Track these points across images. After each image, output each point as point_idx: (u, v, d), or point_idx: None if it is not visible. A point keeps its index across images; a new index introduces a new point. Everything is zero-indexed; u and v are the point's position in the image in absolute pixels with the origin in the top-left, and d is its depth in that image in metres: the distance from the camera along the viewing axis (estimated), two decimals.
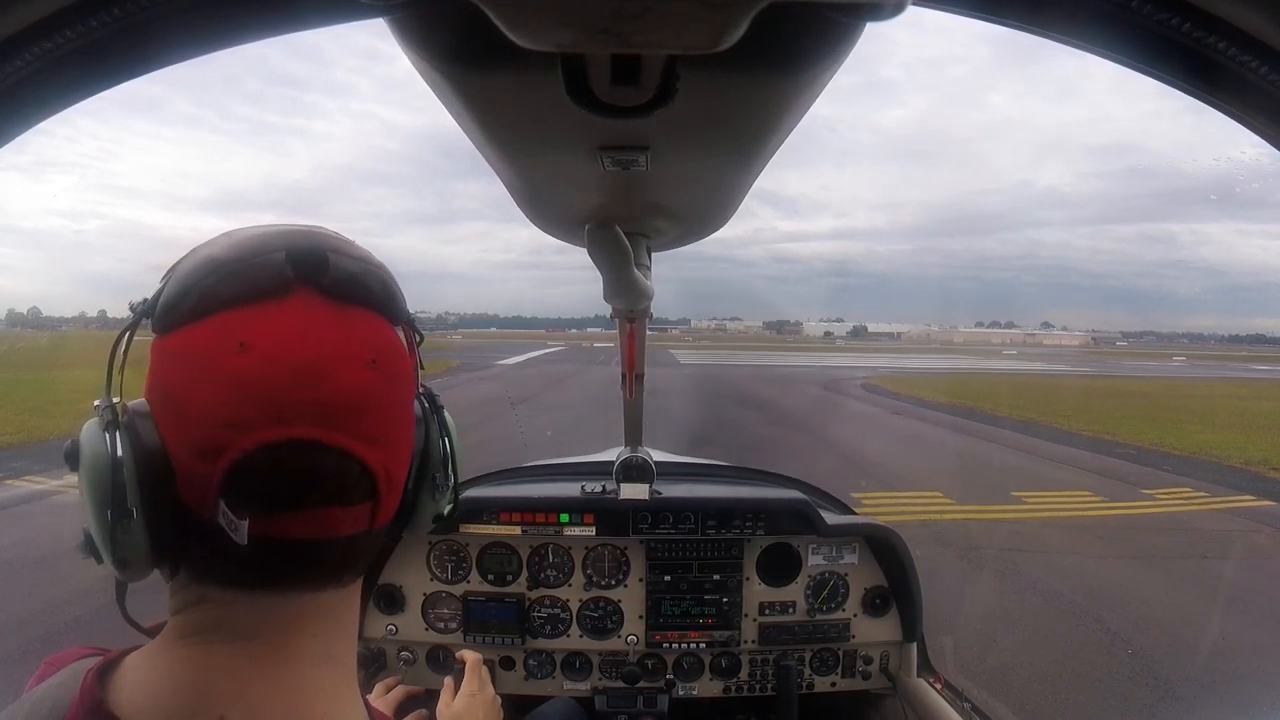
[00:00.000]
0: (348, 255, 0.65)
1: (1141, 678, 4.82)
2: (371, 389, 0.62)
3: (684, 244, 1.26)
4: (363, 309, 0.64)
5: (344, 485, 0.61)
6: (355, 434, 0.61)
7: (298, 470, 0.59)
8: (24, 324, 59.86)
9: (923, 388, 29.19)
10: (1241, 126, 0.62)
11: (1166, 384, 37.72)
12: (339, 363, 0.60)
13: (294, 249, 0.61)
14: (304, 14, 0.60)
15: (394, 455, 0.66)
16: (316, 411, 0.59)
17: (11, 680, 0.73)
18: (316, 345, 0.60)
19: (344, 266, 0.63)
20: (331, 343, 0.61)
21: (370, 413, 0.62)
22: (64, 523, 7.20)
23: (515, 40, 0.44)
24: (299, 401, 0.58)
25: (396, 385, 0.66)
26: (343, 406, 0.60)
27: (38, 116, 0.64)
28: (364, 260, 0.66)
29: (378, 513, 0.65)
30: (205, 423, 0.58)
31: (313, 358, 0.59)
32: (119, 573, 0.63)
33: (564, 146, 0.71)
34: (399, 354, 0.67)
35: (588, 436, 8.83)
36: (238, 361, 0.57)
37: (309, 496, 0.60)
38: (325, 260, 0.62)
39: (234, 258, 0.61)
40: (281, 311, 0.60)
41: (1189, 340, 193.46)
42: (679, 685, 2.21)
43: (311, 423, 0.59)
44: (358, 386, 0.61)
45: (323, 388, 0.59)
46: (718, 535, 2.18)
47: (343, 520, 0.62)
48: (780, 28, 0.50)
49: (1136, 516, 9.20)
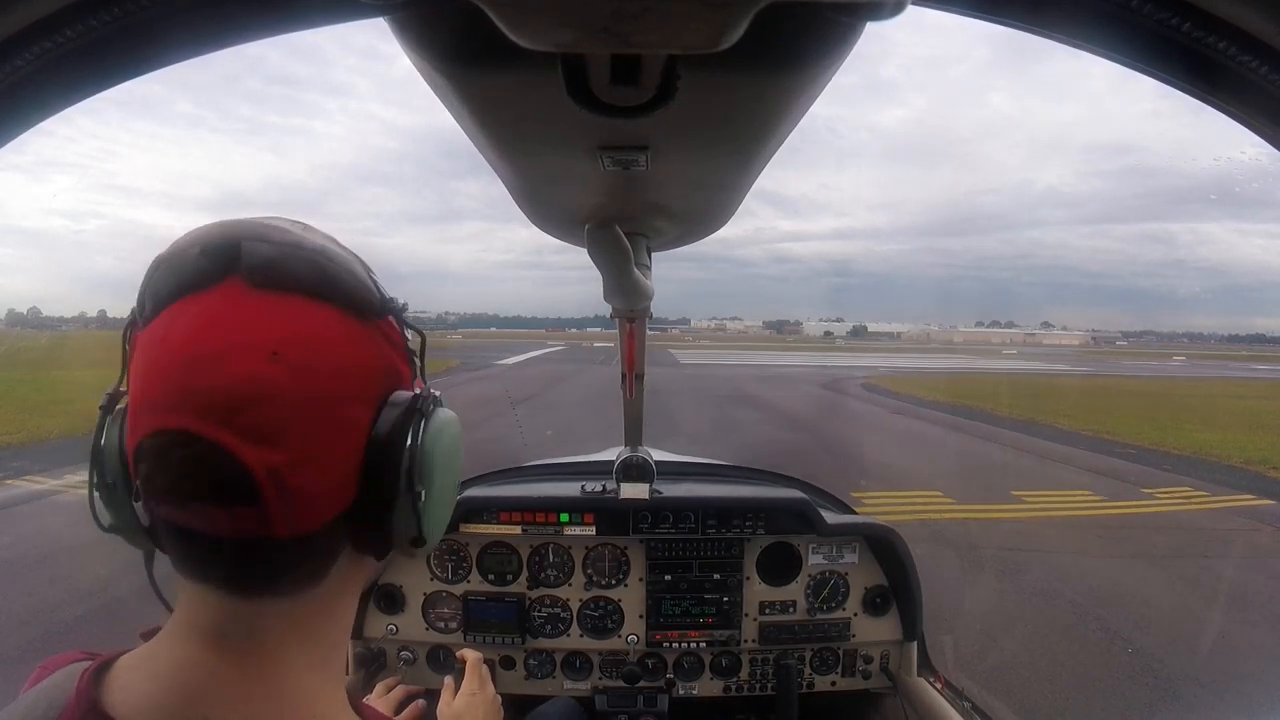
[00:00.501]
0: (267, 241, 0.61)
1: (1142, 677, 4.82)
2: (266, 382, 0.58)
3: (684, 244, 1.26)
4: (288, 296, 0.60)
5: (217, 482, 0.57)
6: (237, 430, 0.57)
7: (176, 461, 0.58)
8: (24, 324, 59.86)
9: (922, 387, 29.18)
10: (1242, 126, 0.62)
11: (1166, 383, 37.71)
12: (233, 352, 0.57)
13: (209, 241, 0.61)
14: (304, 14, 0.60)
15: (295, 459, 0.59)
16: (198, 402, 0.57)
17: (11, 681, 0.73)
18: (215, 335, 0.58)
19: (259, 253, 0.60)
20: (231, 331, 0.58)
21: (259, 408, 0.57)
22: (64, 522, 7.20)
23: (515, 40, 0.44)
24: (185, 390, 0.57)
25: (309, 380, 0.59)
26: (227, 399, 0.57)
27: (38, 116, 0.64)
28: (287, 245, 0.62)
29: (272, 518, 0.59)
30: (131, 410, 0.61)
31: (209, 347, 0.58)
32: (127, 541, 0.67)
33: (564, 146, 0.71)
34: (327, 346, 0.61)
35: (588, 436, 8.84)
36: (156, 352, 0.59)
37: (181, 488, 0.58)
38: (238, 248, 0.60)
39: (169, 254, 0.62)
40: (199, 302, 0.59)
41: (1189, 340, 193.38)
42: (679, 685, 2.22)
43: (191, 413, 0.57)
44: (249, 379, 0.57)
45: (208, 378, 0.57)
46: (718, 535, 2.18)
47: (223, 520, 0.59)
48: (780, 28, 0.50)
49: (1136, 515, 9.20)
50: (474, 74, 0.56)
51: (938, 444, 15.16)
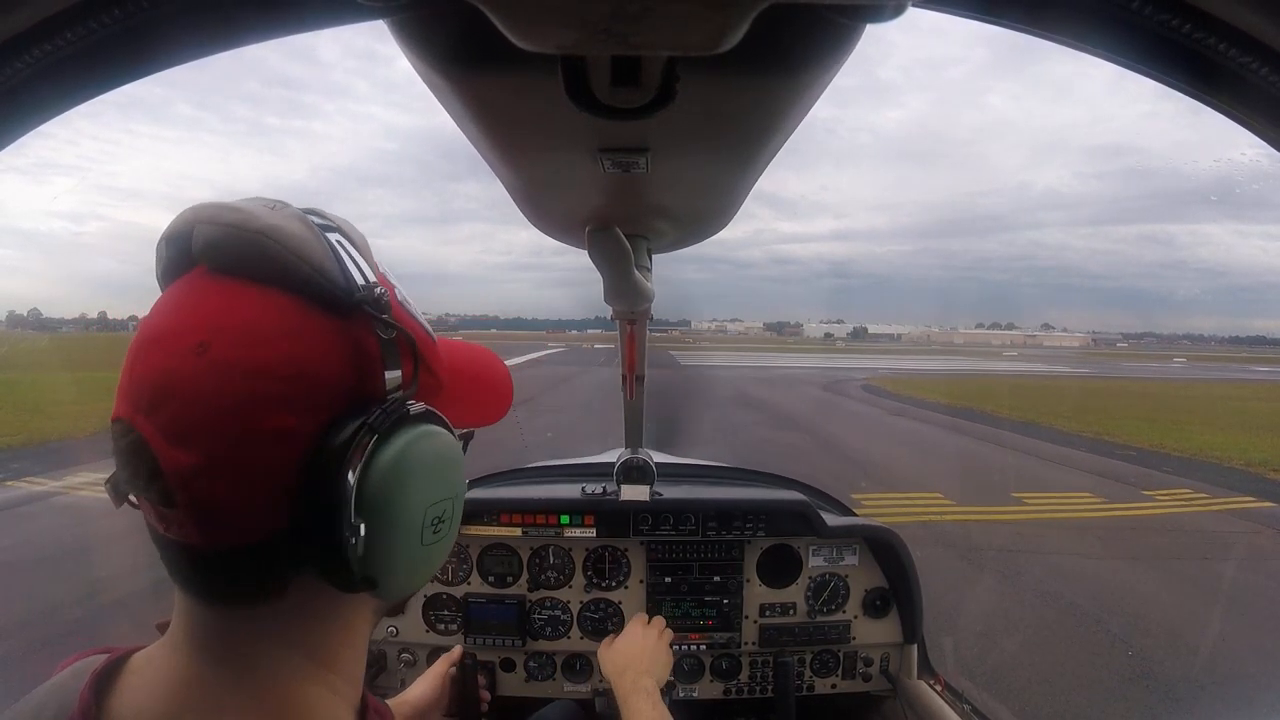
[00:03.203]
0: (215, 223, 0.56)
1: (1142, 679, 4.81)
2: (188, 377, 0.52)
3: (684, 246, 1.26)
4: (233, 281, 0.56)
5: (144, 477, 0.54)
6: (157, 424, 0.53)
7: (117, 450, 0.56)
8: (24, 325, 59.91)
9: (923, 389, 29.18)
10: (1241, 127, 0.62)
11: (1167, 385, 37.71)
12: (159, 341, 0.55)
13: (170, 228, 0.59)
14: (304, 15, 0.60)
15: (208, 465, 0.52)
16: (130, 392, 0.55)
17: (12, 682, 0.72)
18: (155, 322, 0.57)
19: (203, 235, 0.56)
20: (167, 320, 0.56)
21: (176, 404, 0.52)
22: (64, 524, 7.20)
23: (515, 41, 0.44)
24: (125, 379, 0.56)
25: (231, 379, 0.53)
26: (149, 390, 0.54)
27: (38, 118, 0.64)
28: (233, 225, 0.56)
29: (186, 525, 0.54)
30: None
31: (146, 335, 0.56)
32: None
33: (564, 148, 0.71)
34: (260, 341, 0.54)
35: (588, 437, 8.83)
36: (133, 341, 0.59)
37: (125, 480, 0.57)
38: (190, 232, 0.57)
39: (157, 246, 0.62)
40: (168, 292, 0.59)
41: (1190, 341, 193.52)
42: (679, 687, 2.21)
43: (127, 403, 0.55)
44: (169, 371, 0.53)
45: (137, 367, 0.55)
46: (718, 537, 2.18)
47: (159, 521, 0.56)
48: (781, 29, 0.50)
49: (1137, 517, 9.19)
50: (473, 76, 0.56)
51: (938, 446, 15.14)
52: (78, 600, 5.40)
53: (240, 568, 0.56)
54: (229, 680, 0.59)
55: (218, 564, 0.56)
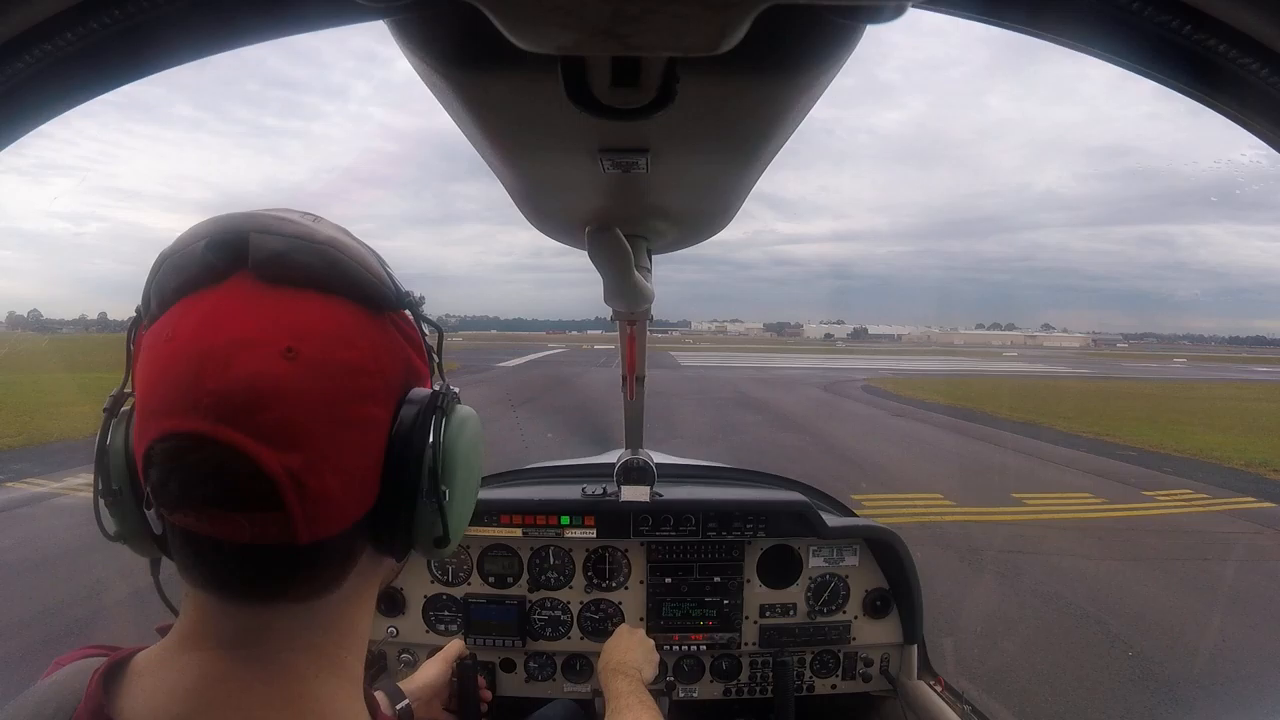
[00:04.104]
0: (275, 233, 0.59)
1: (1142, 680, 4.81)
2: (281, 380, 0.55)
3: (684, 246, 1.26)
4: (300, 290, 0.58)
5: (233, 487, 0.55)
6: (252, 431, 0.54)
7: (189, 466, 0.55)
8: (24, 326, 59.88)
9: (923, 389, 29.17)
10: (1241, 129, 0.62)
11: (1167, 386, 37.70)
12: (244, 349, 0.55)
13: (213, 234, 0.58)
14: (304, 16, 0.60)
15: (315, 461, 0.56)
16: (210, 403, 0.54)
17: (12, 683, 0.72)
18: (225, 331, 0.56)
19: (268, 246, 0.58)
20: (243, 328, 0.56)
21: (276, 408, 0.55)
22: (64, 525, 7.20)
23: (515, 42, 0.44)
24: (196, 391, 0.54)
25: (326, 378, 0.57)
26: (240, 399, 0.54)
27: (38, 119, 0.64)
28: (297, 237, 0.59)
29: (294, 524, 0.56)
30: (138, 413, 0.59)
31: (218, 345, 0.55)
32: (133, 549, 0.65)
33: (564, 149, 0.71)
34: (343, 342, 0.59)
35: (588, 438, 8.82)
36: (163, 351, 0.57)
37: (194, 494, 0.56)
38: (245, 241, 0.58)
39: (172, 250, 0.60)
40: (208, 299, 0.57)
41: (1190, 342, 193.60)
42: (679, 687, 2.21)
43: (203, 415, 0.54)
44: (262, 377, 0.54)
45: (220, 377, 0.54)
46: (718, 537, 2.18)
47: (241, 526, 0.56)
48: (780, 30, 0.50)
49: (1137, 518, 9.19)
50: (474, 76, 0.56)
51: (938, 446, 15.14)
52: (78, 601, 5.40)
53: (327, 558, 0.61)
54: (256, 676, 0.61)
55: (304, 559, 0.59)
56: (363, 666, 0.71)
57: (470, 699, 1.69)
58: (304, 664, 0.63)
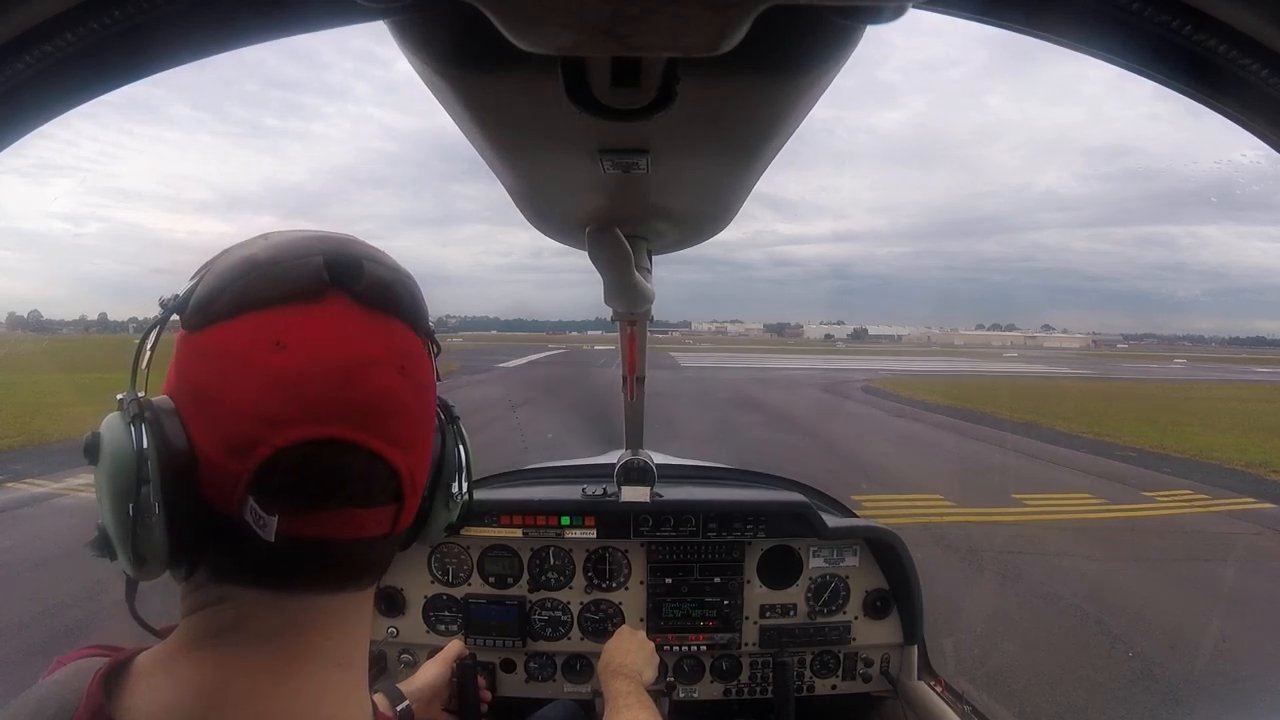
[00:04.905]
0: (381, 264, 0.66)
1: (1142, 680, 4.81)
2: (401, 393, 0.64)
3: (684, 247, 1.26)
4: (391, 316, 0.66)
5: (371, 486, 0.63)
6: (384, 437, 0.62)
7: (329, 469, 0.60)
8: (24, 327, 59.85)
9: (923, 390, 29.16)
10: (1241, 129, 0.62)
11: (1167, 386, 37.69)
12: (372, 366, 0.62)
13: (331, 254, 0.63)
14: (304, 16, 0.59)
15: (418, 460, 0.68)
16: (350, 412, 0.60)
17: (12, 683, 0.72)
18: (351, 347, 0.61)
19: (377, 274, 0.65)
20: (365, 346, 0.62)
21: (398, 417, 0.64)
22: (64, 526, 7.20)
23: (515, 43, 0.44)
24: (334, 401, 0.60)
25: (422, 392, 0.68)
26: (375, 409, 0.61)
27: (38, 120, 0.64)
28: (396, 270, 0.68)
29: (400, 516, 0.67)
30: (238, 418, 0.58)
31: (347, 359, 0.61)
32: (133, 571, 0.61)
33: (564, 149, 0.71)
34: (424, 362, 0.69)
35: (588, 439, 8.83)
36: (275, 359, 0.59)
37: (336, 496, 0.61)
38: (360, 267, 0.64)
39: (271, 259, 0.62)
40: (316, 313, 0.61)
41: (1190, 343, 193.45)
42: (680, 688, 2.21)
43: (345, 423, 0.60)
44: (389, 390, 0.63)
45: (357, 389, 0.60)
46: (719, 538, 2.18)
47: (366, 522, 0.63)
48: (780, 31, 0.50)
49: (1137, 519, 9.19)
50: (474, 76, 0.56)
51: (938, 447, 15.14)
52: (78, 601, 5.40)
53: (393, 546, 0.70)
54: (264, 671, 0.62)
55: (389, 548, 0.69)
56: (365, 662, 0.72)
57: (470, 699, 1.69)
58: (315, 656, 0.66)
